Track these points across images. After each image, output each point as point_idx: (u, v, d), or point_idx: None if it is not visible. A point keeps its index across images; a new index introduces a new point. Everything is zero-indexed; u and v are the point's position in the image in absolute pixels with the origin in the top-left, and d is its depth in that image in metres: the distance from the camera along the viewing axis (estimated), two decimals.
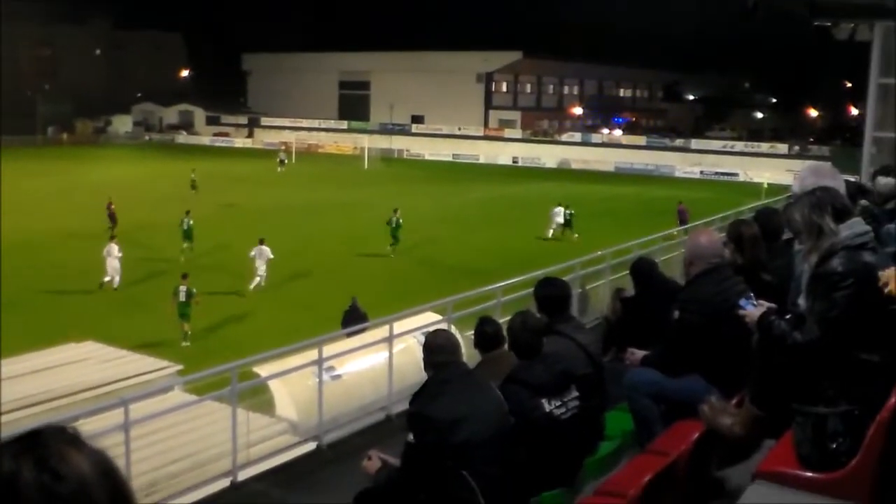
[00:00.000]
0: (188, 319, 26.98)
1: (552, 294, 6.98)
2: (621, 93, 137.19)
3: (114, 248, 33.01)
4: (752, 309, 5.06)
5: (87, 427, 10.30)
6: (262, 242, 33.11)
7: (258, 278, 33.03)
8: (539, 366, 5.88)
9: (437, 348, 5.59)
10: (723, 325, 5.82)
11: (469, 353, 7.52)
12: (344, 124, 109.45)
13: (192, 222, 39.03)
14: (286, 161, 78.90)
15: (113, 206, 43.91)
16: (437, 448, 5.15)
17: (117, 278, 32.80)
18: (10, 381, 13.67)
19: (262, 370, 12.53)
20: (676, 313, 6.20)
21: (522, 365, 5.94)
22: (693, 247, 6.47)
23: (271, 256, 33.05)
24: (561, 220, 45.19)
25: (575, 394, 5.90)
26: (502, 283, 14.20)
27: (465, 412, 5.22)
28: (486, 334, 6.48)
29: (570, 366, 6.11)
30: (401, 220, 40.85)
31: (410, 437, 5.23)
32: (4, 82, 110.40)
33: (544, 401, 5.71)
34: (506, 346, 6.44)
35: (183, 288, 27.01)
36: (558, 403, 5.75)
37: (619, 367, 7.06)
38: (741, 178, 78.51)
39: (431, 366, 5.54)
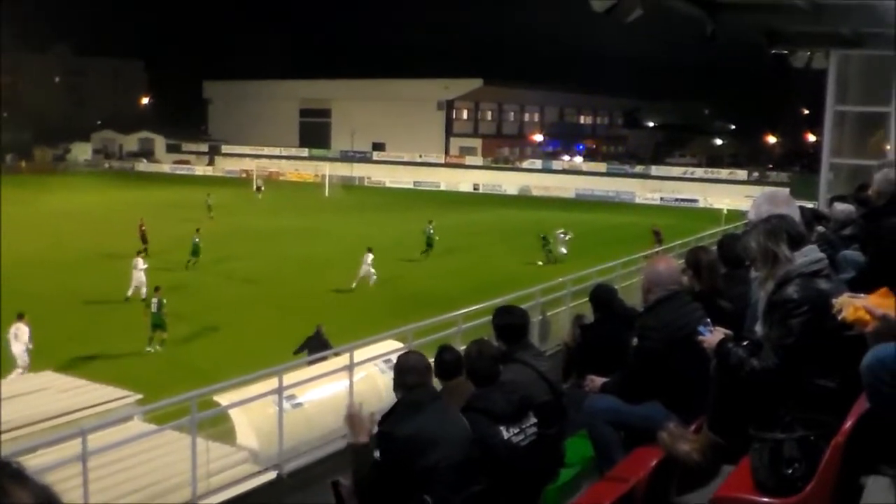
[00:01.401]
0: (163, 329, 28.66)
1: (510, 323, 6.99)
2: (582, 119, 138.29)
3: (139, 262, 35.39)
4: (710, 336, 5.11)
5: (44, 458, 10.21)
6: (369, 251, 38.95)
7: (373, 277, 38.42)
8: (497, 393, 5.89)
9: (408, 369, 5.58)
10: (681, 352, 5.87)
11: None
12: (305, 152, 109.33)
13: (198, 240, 42.36)
14: (262, 188, 79.08)
15: (144, 227, 45.38)
16: (401, 469, 5.14)
17: (144, 290, 33.91)
18: None
19: (223, 398, 12.43)
20: (635, 340, 6.25)
21: (480, 392, 5.95)
22: (651, 274, 6.52)
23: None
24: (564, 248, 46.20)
25: (533, 420, 5.91)
26: (463, 311, 14.20)
27: (434, 436, 5.22)
28: (446, 362, 6.47)
29: (528, 393, 6.12)
30: (432, 230, 46.26)
31: (377, 454, 5.20)
32: None
33: (502, 428, 5.71)
34: (464, 375, 6.44)
35: (155, 299, 28.66)
36: (517, 430, 5.76)
37: (579, 393, 7.09)
38: (701, 205, 79.27)
39: (402, 387, 5.53)
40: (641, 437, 5.84)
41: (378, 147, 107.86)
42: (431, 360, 6.44)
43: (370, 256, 39.21)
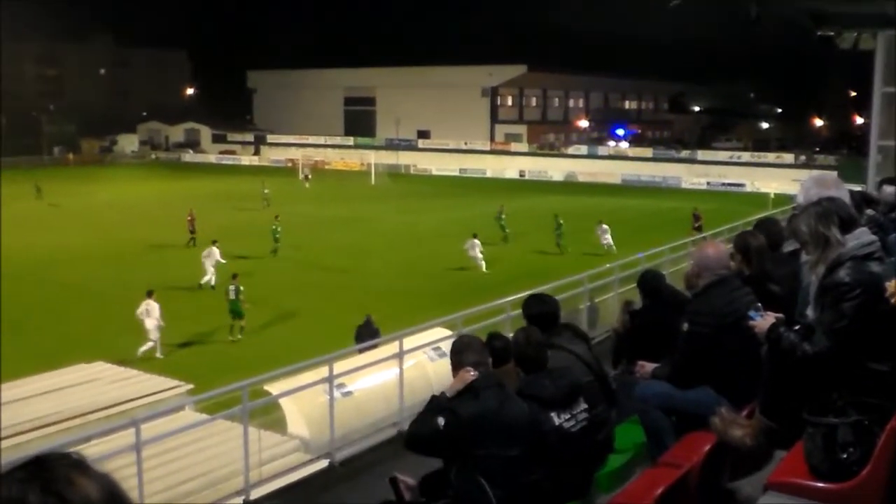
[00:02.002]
0: (240, 316, 29.04)
1: (544, 311, 7.00)
2: (627, 105, 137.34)
3: (215, 251, 36.21)
4: (761, 320, 5.07)
5: (98, 448, 10.36)
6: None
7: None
8: (546, 379, 5.90)
9: (464, 347, 5.65)
10: (732, 337, 5.84)
11: None
12: (350, 140, 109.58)
13: (278, 227, 43.30)
14: (310, 177, 79.73)
15: (192, 218, 45.90)
16: (461, 447, 5.23)
17: (213, 279, 35.28)
18: (21, 402, 13.72)
19: (273, 388, 12.53)
20: (685, 325, 6.22)
21: (530, 379, 5.95)
22: (700, 259, 6.49)
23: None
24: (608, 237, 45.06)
25: (584, 406, 5.92)
26: (511, 298, 14.19)
27: (498, 417, 5.27)
28: (496, 349, 6.48)
29: (575, 377, 6.13)
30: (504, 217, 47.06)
31: (440, 422, 5.24)
32: (9, 102, 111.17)
33: (553, 414, 5.73)
34: (512, 363, 6.45)
35: (232, 287, 29.05)
36: (567, 416, 5.77)
37: (630, 379, 7.07)
38: (748, 189, 78.49)
39: (459, 366, 5.56)
40: (693, 423, 5.82)
41: (423, 135, 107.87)
42: None
43: (475, 242, 40.51)
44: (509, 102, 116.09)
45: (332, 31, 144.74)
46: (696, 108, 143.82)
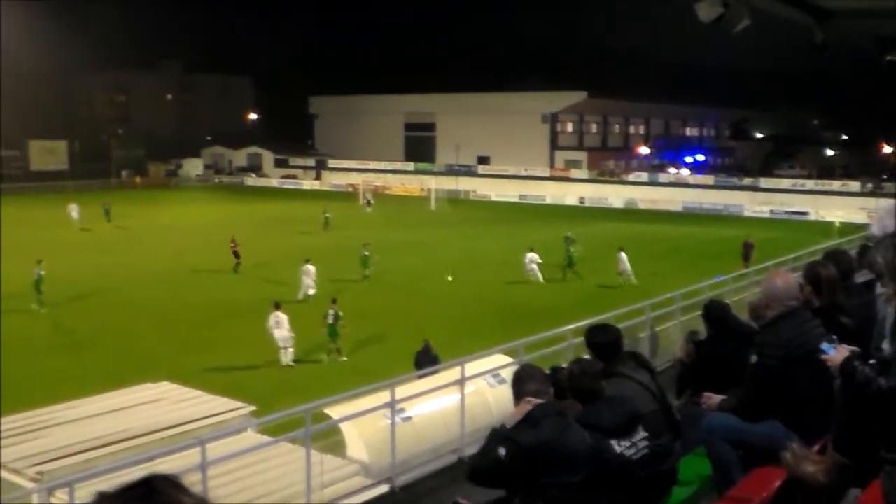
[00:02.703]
0: (337, 338, 29.79)
1: (606, 340, 6.99)
2: (688, 131, 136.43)
3: (311, 269, 38.11)
4: (835, 353, 4.99)
5: (162, 467, 10.49)
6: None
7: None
8: (605, 408, 5.88)
9: (526, 377, 5.65)
10: (802, 370, 5.76)
11: None
12: (410, 165, 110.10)
13: (367, 253, 43.62)
14: (371, 202, 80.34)
15: (236, 243, 45.80)
16: (523, 478, 5.22)
17: (312, 291, 37.40)
18: (90, 419, 13.97)
19: (333, 411, 12.59)
20: (754, 357, 6.14)
21: (588, 409, 5.94)
22: (769, 289, 6.41)
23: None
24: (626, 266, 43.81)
25: (643, 434, 5.89)
26: (572, 325, 14.13)
27: (559, 446, 5.26)
28: (559, 382, 6.48)
29: (635, 406, 6.09)
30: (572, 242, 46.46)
31: (501, 452, 5.25)
32: (81, 127, 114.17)
33: (614, 442, 5.70)
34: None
35: (332, 311, 29.84)
36: (628, 444, 5.75)
37: (695, 410, 7.00)
38: (812, 217, 77.35)
39: (520, 396, 5.56)
40: (760, 457, 5.75)
41: (483, 160, 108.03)
42: None
43: (533, 255, 42.61)
44: (569, 129, 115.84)
45: (393, 57, 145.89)
46: (759, 135, 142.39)
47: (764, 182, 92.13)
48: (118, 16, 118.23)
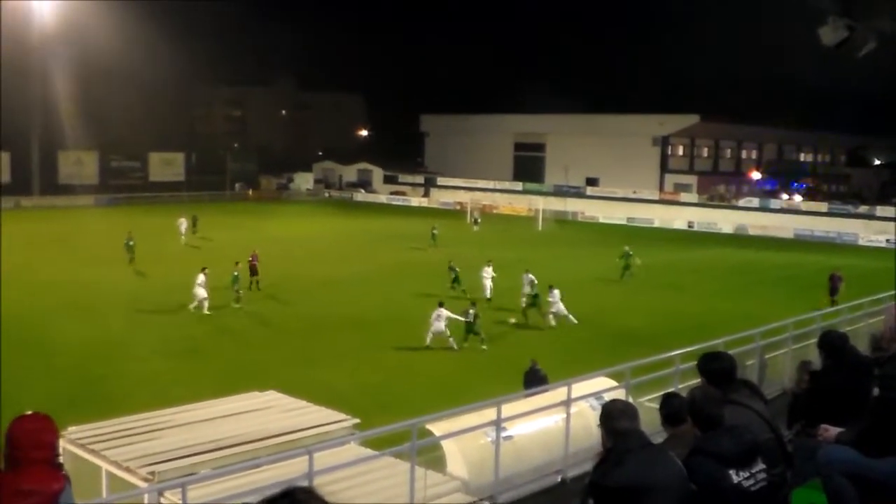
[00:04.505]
0: (476, 333, 33.57)
1: (720, 367, 6.90)
2: (802, 157, 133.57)
3: (489, 270, 42.87)
4: None
5: (267, 474, 10.70)
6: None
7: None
8: (725, 436, 5.78)
9: (618, 414, 5.56)
10: None
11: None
12: (519, 185, 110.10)
13: (458, 269, 44.85)
14: (479, 220, 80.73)
15: (255, 259, 44.73)
16: None
17: (490, 293, 41.83)
18: (201, 423, 14.32)
19: (435, 427, 12.66)
20: (877, 390, 5.99)
21: (708, 436, 5.85)
22: (893, 322, 6.25)
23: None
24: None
25: (762, 466, 5.76)
26: (681, 350, 13.95)
27: (647, 484, 5.17)
28: (675, 408, 6.41)
29: (754, 435, 5.98)
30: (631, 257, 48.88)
31: (590, 502, 5.21)
32: (198, 140, 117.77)
33: (732, 472, 5.60)
34: (689, 422, 6.35)
35: (472, 311, 33.63)
36: (746, 475, 5.62)
37: (809, 442, 6.85)
38: None
39: (612, 433, 5.49)
40: (881, 494, 5.58)
41: (592, 182, 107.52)
42: (645, 400, 6.38)
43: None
44: (680, 152, 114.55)
45: (503, 76, 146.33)
46: (878, 162, 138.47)
47: (880, 210, 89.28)
48: (236, 33, 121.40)
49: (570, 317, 37.72)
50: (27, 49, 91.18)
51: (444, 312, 33.14)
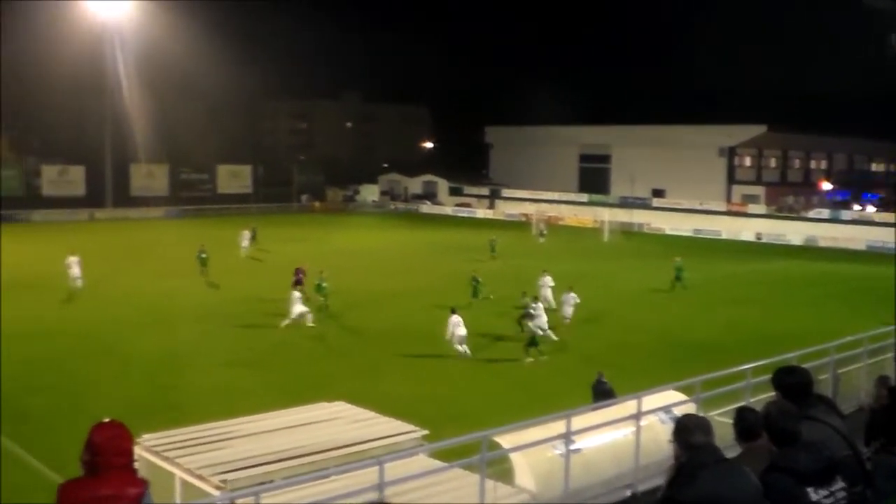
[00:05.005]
0: (535, 344, 33.45)
1: (797, 382, 6.81)
2: (873, 167, 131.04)
3: (548, 279, 43.01)
4: None
5: (335, 484, 10.80)
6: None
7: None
8: (802, 453, 5.70)
9: (693, 428, 5.52)
10: None
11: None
12: (584, 197, 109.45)
13: (480, 279, 45.07)
14: (545, 232, 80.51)
15: (303, 273, 44.33)
16: None
17: (552, 302, 41.03)
18: (269, 433, 14.50)
19: (503, 440, 12.65)
20: None
21: (785, 452, 5.78)
22: None
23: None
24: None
25: (842, 484, 5.67)
26: (753, 364, 13.79)
27: (721, 498, 5.12)
28: (750, 423, 6.33)
29: (832, 453, 5.89)
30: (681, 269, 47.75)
31: None
32: (265, 153, 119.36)
33: (810, 489, 5.52)
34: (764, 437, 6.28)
35: (532, 305, 35.23)
36: (825, 493, 5.54)
37: (889, 459, 6.74)
38: None
39: (686, 447, 5.46)
40: None
41: (658, 193, 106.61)
42: (716, 413, 6.33)
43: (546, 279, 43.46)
44: (747, 163, 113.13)
45: (569, 88, 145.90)
46: None
47: None
48: (303, 47, 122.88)
49: (566, 319, 38.29)
50: (101, 67, 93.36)
51: (457, 318, 33.26)
